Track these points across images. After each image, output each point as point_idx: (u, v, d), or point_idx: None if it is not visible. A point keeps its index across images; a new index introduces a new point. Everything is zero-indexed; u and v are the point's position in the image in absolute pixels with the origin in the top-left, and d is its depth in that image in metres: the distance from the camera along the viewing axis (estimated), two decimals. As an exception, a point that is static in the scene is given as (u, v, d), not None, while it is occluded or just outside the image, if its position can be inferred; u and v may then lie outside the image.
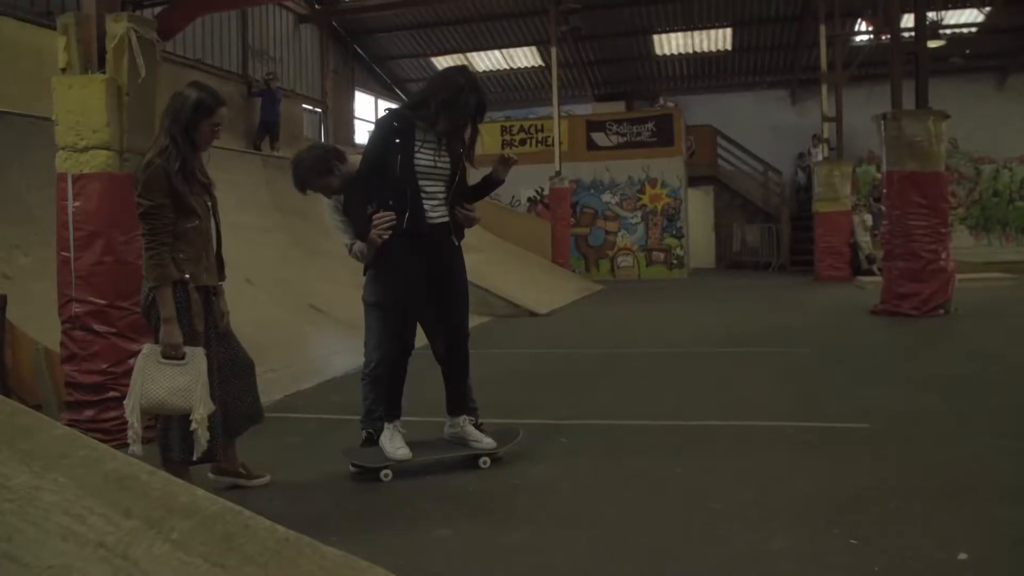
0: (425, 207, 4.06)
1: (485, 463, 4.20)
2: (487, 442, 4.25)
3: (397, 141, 4.00)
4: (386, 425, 4.17)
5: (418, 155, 4.03)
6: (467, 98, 3.98)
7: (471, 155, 4.22)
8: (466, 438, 4.26)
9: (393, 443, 4.11)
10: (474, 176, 4.33)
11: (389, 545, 3.18)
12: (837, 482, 3.77)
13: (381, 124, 4.16)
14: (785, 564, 2.88)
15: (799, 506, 3.46)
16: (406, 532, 3.34)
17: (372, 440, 4.33)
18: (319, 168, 4.34)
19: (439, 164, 4.10)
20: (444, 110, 3.98)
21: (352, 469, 4.15)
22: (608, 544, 3.13)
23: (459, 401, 4.32)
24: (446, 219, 4.16)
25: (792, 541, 3.07)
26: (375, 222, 3.99)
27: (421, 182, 4.04)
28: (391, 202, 4.00)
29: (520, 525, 3.37)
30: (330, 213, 4.45)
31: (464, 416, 4.31)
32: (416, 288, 4.11)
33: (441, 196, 4.14)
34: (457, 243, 4.26)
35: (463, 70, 4.17)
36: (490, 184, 4.37)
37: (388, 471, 4.04)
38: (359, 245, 4.21)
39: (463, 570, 2.97)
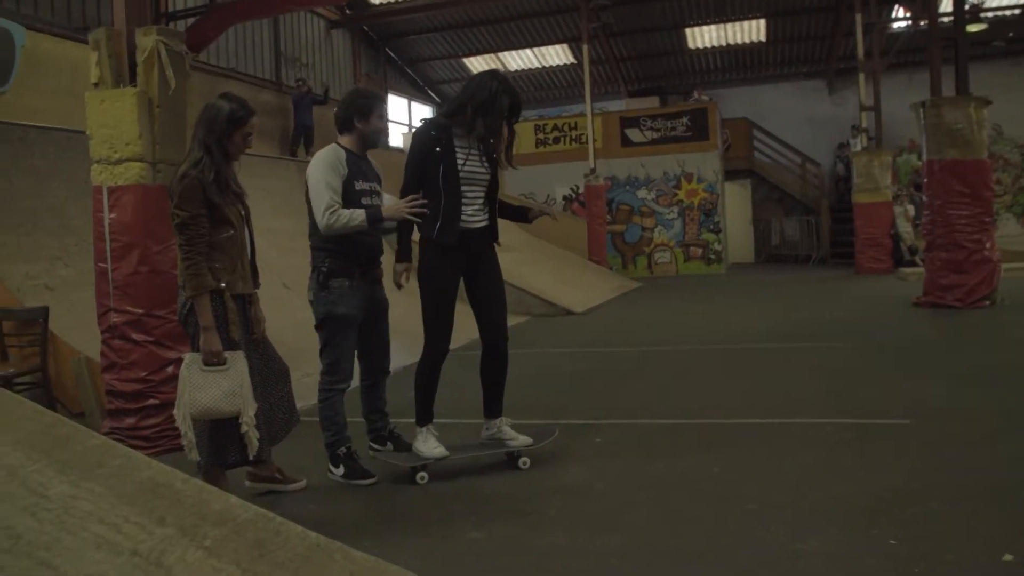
0: (466, 213, 4.11)
1: (525, 464, 4.21)
2: (523, 439, 4.26)
3: (437, 150, 4.05)
4: (419, 429, 4.19)
5: (459, 161, 4.08)
6: (501, 100, 4.05)
7: (510, 156, 4.30)
8: (502, 438, 4.28)
9: (428, 444, 4.13)
10: (512, 178, 4.38)
11: (421, 548, 3.19)
12: (876, 481, 3.71)
13: (420, 134, 4.21)
14: (821, 566, 2.84)
15: (837, 506, 3.40)
16: (439, 535, 3.34)
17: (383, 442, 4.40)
18: (381, 97, 4.42)
19: (478, 169, 4.15)
20: (480, 114, 4.04)
21: (361, 482, 4.16)
22: (640, 547, 3.11)
23: (496, 403, 4.33)
24: (485, 223, 4.21)
25: (829, 542, 3.02)
26: (407, 204, 4.03)
27: (462, 187, 4.09)
28: (427, 210, 4.05)
29: (553, 528, 3.36)
30: (331, 168, 4.13)
31: (501, 418, 4.32)
32: (450, 295, 4.14)
33: (480, 201, 4.19)
34: (495, 247, 4.31)
35: (495, 73, 4.22)
36: (521, 216, 4.54)
37: (424, 473, 4.06)
38: (369, 214, 4.08)
39: (494, 574, 2.97)
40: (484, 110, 4.04)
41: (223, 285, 3.60)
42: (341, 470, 4.16)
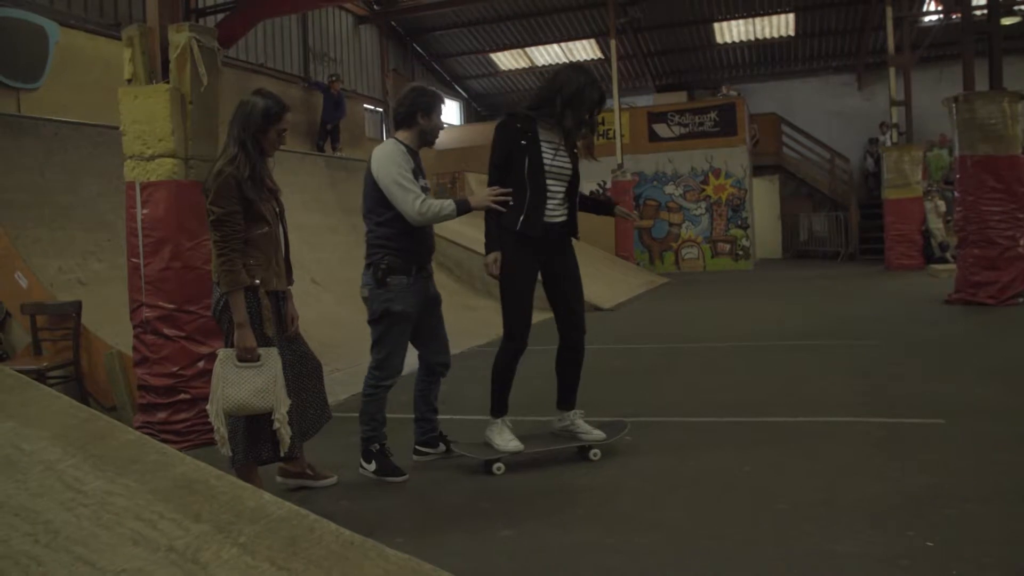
0: (548, 206, 4.15)
1: (596, 455, 4.26)
2: (596, 434, 4.32)
3: (523, 143, 4.10)
4: (493, 421, 4.24)
5: (544, 155, 4.13)
6: (590, 93, 4.13)
7: (591, 147, 4.40)
8: (575, 431, 4.33)
9: (503, 437, 4.19)
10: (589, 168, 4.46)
11: (453, 546, 3.20)
12: (910, 481, 3.66)
13: (505, 127, 4.21)
14: (856, 567, 2.80)
15: (870, 506, 3.36)
16: (470, 532, 3.34)
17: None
18: (442, 96, 4.42)
19: (561, 164, 4.21)
20: (569, 107, 4.09)
21: (393, 479, 4.16)
22: (670, 546, 3.09)
23: (570, 396, 4.40)
24: (565, 218, 4.27)
25: (863, 543, 2.99)
26: (490, 194, 4.10)
27: (547, 181, 4.14)
28: (511, 202, 4.10)
29: (584, 526, 3.35)
30: (402, 161, 4.14)
31: (575, 410, 4.37)
32: (530, 288, 4.20)
33: (561, 196, 4.24)
34: (573, 240, 4.38)
35: (582, 67, 4.30)
36: (605, 210, 4.66)
37: (501, 464, 4.12)
38: (457, 204, 4.13)
39: (524, 572, 2.96)
40: (573, 103, 4.09)
41: (258, 282, 3.62)
42: (373, 466, 4.16)
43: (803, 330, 8.64)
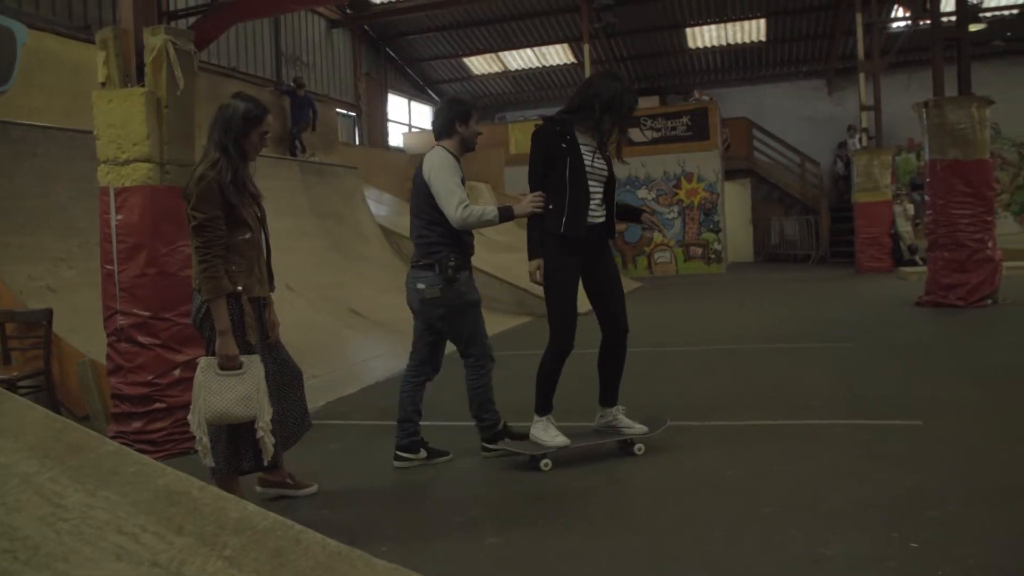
0: (590, 207, 4.24)
1: (640, 450, 4.36)
2: (638, 428, 4.42)
3: (563, 146, 4.19)
4: (537, 419, 4.30)
5: (584, 158, 4.23)
6: (628, 99, 4.25)
7: (620, 152, 4.56)
8: (618, 426, 4.43)
9: (548, 433, 4.27)
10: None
11: (439, 554, 3.16)
12: (893, 483, 3.68)
13: (544, 132, 4.30)
14: (843, 570, 2.80)
15: (855, 508, 3.37)
16: (457, 540, 3.31)
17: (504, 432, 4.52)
18: (476, 104, 4.60)
19: (599, 165, 4.30)
20: (608, 112, 4.20)
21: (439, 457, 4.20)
22: (658, 551, 3.08)
23: (612, 392, 4.50)
24: (603, 219, 4.36)
25: (849, 545, 2.99)
26: (532, 200, 4.23)
27: (588, 182, 4.23)
28: (551, 205, 4.20)
29: (570, 532, 3.33)
30: (453, 169, 4.31)
31: (617, 407, 4.46)
32: (574, 289, 4.30)
33: (600, 197, 4.33)
34: (611, 241, 4.50)
35: (616, 74, 4.44)
36: (633, 216, 4.78)
37: (548, 460, 4.18)
38: (501, 211, 4.32)
39: (513, 579, 2.94)
40: (611, 108, 4.19)
41: (240, 288, 3.56)
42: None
43: (778, 333, 8.69)
